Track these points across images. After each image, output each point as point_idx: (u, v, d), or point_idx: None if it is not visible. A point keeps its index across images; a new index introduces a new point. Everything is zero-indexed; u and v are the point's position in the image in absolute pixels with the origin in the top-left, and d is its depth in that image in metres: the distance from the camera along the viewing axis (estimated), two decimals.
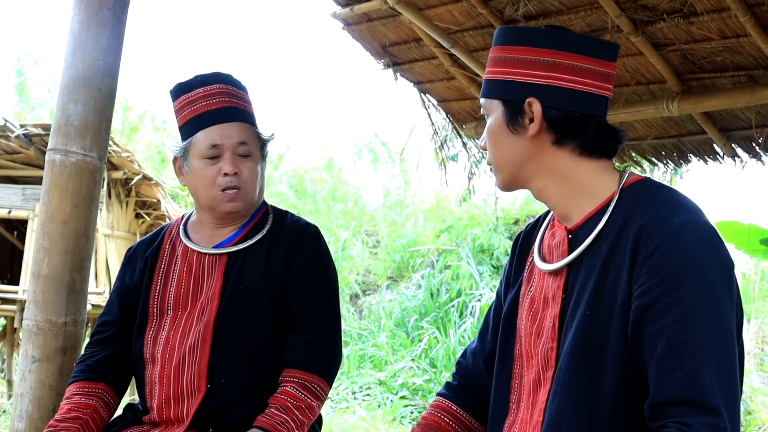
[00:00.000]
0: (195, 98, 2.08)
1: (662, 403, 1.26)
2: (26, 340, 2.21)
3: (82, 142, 2.21)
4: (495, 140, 1.52)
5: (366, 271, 10.17)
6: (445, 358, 7.47)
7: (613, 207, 1.43)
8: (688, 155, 3.95)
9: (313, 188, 12.57)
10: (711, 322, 1.27)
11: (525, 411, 1.51)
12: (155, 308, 2.08)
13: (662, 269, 1.29)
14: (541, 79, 1.45)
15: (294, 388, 1.97)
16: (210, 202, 2.06)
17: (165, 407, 2.00)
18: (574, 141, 1.46)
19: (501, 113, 1.50)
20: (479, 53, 3.67)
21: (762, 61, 3.07)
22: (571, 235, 1.49)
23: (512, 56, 1.49)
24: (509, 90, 1.48)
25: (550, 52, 1.45)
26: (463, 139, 4.51)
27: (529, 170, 1.51)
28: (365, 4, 3.61)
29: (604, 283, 1.38)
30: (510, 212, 10.11)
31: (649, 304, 1.29)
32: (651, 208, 1.37)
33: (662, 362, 1.27)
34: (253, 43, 25.76)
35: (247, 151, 2.07)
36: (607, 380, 1.35)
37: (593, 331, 1.37)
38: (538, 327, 1.52)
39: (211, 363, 1.99)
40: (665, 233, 1.32)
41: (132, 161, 6.73)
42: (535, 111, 1.45)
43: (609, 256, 1.39)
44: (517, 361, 1.57)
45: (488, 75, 1.54)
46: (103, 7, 2.24)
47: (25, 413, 2.17)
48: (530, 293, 1.57)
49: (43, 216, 2.22)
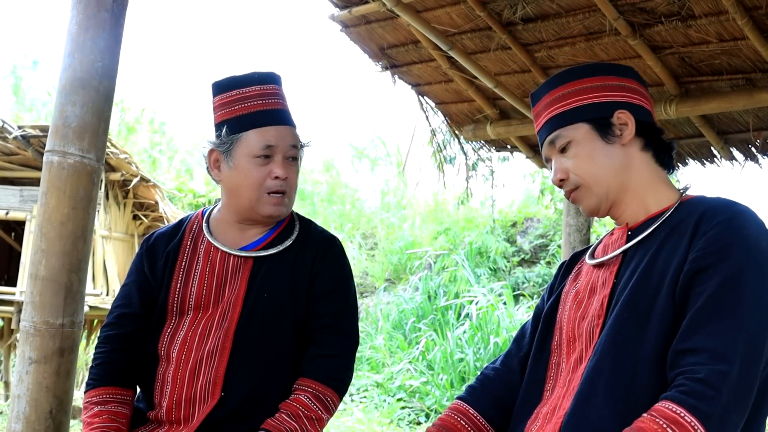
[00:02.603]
0: (251, 95, 2.03)
1: (684, 350, 1.35)
2: (23, 342, 2.21)
3: (79, 143, 2.21)
4: (588, 157, 1.63)
5: (363, 274, 10.17)
6: (442, 360, 7.47)
7: (673, 210, 1.56)
8: (686, 158, 3.96)
9: (311, 190, 12.58)
10: (751, 294, 1.36)
11: (560, 389, 1.56)
12: (175, 307, 2.03)
13: (719, 241, 1.41)
14: (619, 97, 1.64)
15: (308, 398, 1.95)
16: (252, 203, 2.01)
17: (175, 408, 1.96)
18: (653, 148, 1.64)
19: (589, 131, 1.63)
20: (477, 56, 3.67)
21: (759, 64, 3.08)
22: (631, 232, 1.62)
23: (584, 86, 1.65)
24: (594, 111, 1.63)
25: (616, 78, 1.65)
26: (460, 142, 4.51)
27: (623, 179, 1.63)
28: (363, 6, 3.61)
29: (658, 256, 1.49)
30: (507, 215, 10.13)
31: (702, 269, 1.40)
32: (713, 201, 1.52)
33: (695, 316, 1.37)
34: (252, 45, 25.76)
35: (295, 155, 2.05)
36: (650, 340, 1.42)
37: (642, 295, 1.46)
38: (584, 312, 1.60)
39: (228, 371, 1.95)
40: (728, 213, 1.45)
41: (130, 163, 6.73)
42: (627, 118, 1.61)
43: (666, 238, 1.51)
44: (555, 352, 1.64)
45: (558, 110, 1.67)
46: (102, 8, 2.24)
47: (23, 415, 2.17)
48: (576, 287, 1.68)
49: (40, 217, 2.22)
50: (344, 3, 3.72)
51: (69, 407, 2.25)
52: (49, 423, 2.17)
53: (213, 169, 2.07)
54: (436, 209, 11.01)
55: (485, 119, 4.21)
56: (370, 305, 9.45)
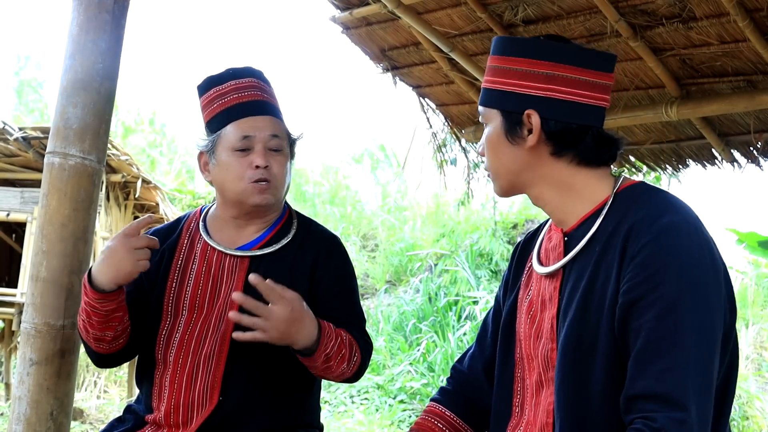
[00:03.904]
0: (226, 90, 2.03)
1: (634, 396, 1.28)
2: (24, 343, 2.21)
3: (80, 145, 2.21)
4: (493, 149, 1.54)
5: (364, 275, 10.15)
6: (443, 362, 7.46)
7: (607, 210, 1.46)
8: (687, 160, 3.96)
9: (312, 192, 12.57)
10: (691, 321, 1.28)
11: (530, 413, 1.52)
12: (170, 306, 2.02)
13: (648, 266, 1.31)
14: (539, 91, 1.47)
15: (352, 338, 1.97)
16: (239, 195, 2.00)
17: (173, 413, 1.95)
18: (572, 152, 1.49)
19: (500, 123, 1.52)
20: (478, 57, 3.67)
21: (761, 66, 3.08)
22: (567, 238, 1.52)
23: (511, 67, 1.50)
24: (508, 101, 1.50)
25: (548, 65, 1.47)
26: (461, 143, 4.51)
27: (526, 178, 1.53)
28: (364, 8, 3.61)
29: (594, 282, 1.40)
30: (508, 217, 10.11)
31: (634, 301, 1.31)
32: (642, 208, 1.39)
33: (639, 357, 1.29)
34: (252, 46, 25.76)
35: (278, 146, 2.02)
36: (596, 378, 1.36)
37: (584, 330, 1.39)
38: (537, 329, 1.53)
39: (226, 376, 1.94)
40: (653, 231, 1.33)
41: (131, 164, 6.73)
42: (533, 123, 1.47)
43: (600, 257, 1.41)
44: (518, 365, 1.58)
45: (487, 84, 1.56)
46: (103, 10, 2.24)
47: (23, 416, 2.17)
48: (528, 297, 1.59)
49: (41, 219, 2.22)
50: (345, 5, 3.73)
51: (70, 409, 2.25)
52: (49, 424, 2.17)
53: (204, 171, 2.08)
54: (436, 211, 10.99)
55: None
56: (371, 307, 9.43)
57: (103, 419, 6.57)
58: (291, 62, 25.72)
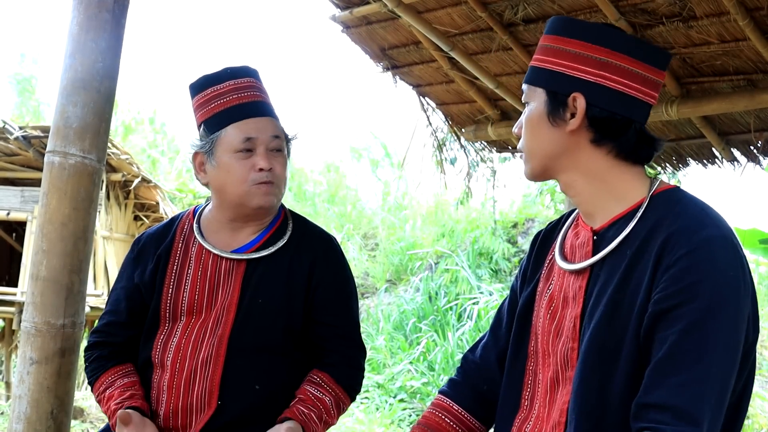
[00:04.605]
0: (224, 90, 1.99)
1: (648, 405, 1.27)
2: (24, 342, 2.21)
3: (81, 144, 2.21)
4: (532, 129, 1.51)
5: (364, 274, 10.16)
6: (443, 361, 7.47)
7: (641, 213, 1.42)
8: (687, 159, 3.96)
9: (311, 191, 12.58)
10: (717, 339, 1.26)
11: (541, 409, 1.50)
12: (167, 312, 1.99)
13: (682, 279, 1.29)
14: (590, 76, 1.44)
15: (331, 402, 1.99)
16: (240, 198, 1.96)
17: (173, 417, 1.94)
18: (612, 143, 1.45)
19: (543, 103, 1.48)
20: (478, 56, 3.67)
21: (761, 65, 3.08)
22: (596, 237, 1.49)
23: (564, 48, 1.47)
24: (556, 81, 1.47)
25: (604, 51, 1.43)
26: (461, 142, 4.51)
27: (560, 163, 1.50)
28: (364, 7, 3.61)
29: (625, 287, 1.38)
30: (508, 216, 10.12)
31: (664, 311, 1.29)
32: (680, 219, 1.36)
33: (659, 367, 1.28)
34: (252, 46, 25.75)
35: (278, 146, 1.99)
36: (617, 383, 1.35)
37: (610, 334, 1.37)
38: (558, 326, 1.51)
39: (224, 379, 1.93)
40: (691, 244, 1.31)
41: (131, 163, 6.73)
42: (578, 106, 1.44)
43: (633, 262, 1.39)
44: (531, 358, 1.56)
45: (536, 62, 1.52)
46: (103, 9, 2.24)
47: (23, 415, 2.17)
48: (549, 291, 1.56)
49: (41, 218, 2.22)
50: (345, 4, 3.73)
51: (70, 408, 2.25)
52: (50, 423, 2.17)
53: (199, 172, 2.04)
54: (437, 210, 11.00)
55: (486, 120, 4.20)
56: (371, 306, 9.44)
57: (103, 418, 6.58)
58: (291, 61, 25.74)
